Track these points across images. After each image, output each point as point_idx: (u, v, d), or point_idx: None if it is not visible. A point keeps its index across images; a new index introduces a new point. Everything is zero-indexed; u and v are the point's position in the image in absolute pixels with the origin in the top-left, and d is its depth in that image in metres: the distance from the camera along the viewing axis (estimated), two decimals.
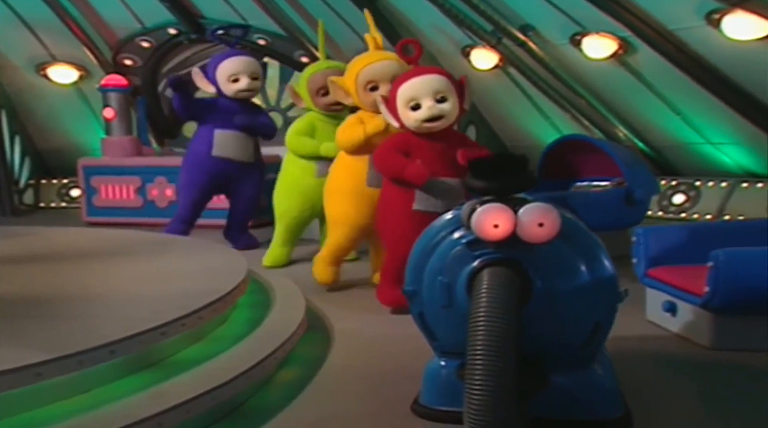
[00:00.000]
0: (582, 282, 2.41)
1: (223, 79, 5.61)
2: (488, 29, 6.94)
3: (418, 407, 2.71)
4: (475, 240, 2.42)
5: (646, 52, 6.17)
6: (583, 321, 2.44)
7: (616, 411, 2.51)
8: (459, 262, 2.47)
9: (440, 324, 2.58)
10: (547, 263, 2.39)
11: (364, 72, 4.34)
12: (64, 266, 3.84)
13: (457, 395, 2.39)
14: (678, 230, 3.79)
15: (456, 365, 2.50)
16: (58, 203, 8.84)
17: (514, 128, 8.04)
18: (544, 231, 2.31)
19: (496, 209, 2.33)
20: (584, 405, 2.49)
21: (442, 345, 2.63)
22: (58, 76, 8.56)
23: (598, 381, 2.52)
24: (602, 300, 2.44)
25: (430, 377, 2.69)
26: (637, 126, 7.13)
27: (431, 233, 2.62)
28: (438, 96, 3.78)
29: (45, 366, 2.17)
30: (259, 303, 3.74)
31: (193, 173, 5.70)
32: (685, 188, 7.01)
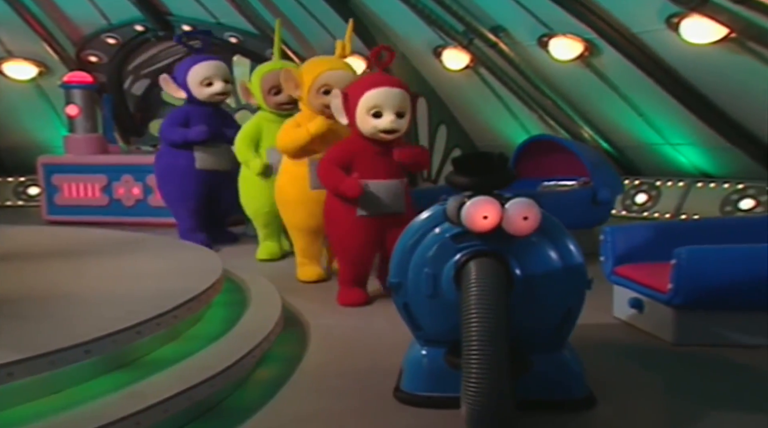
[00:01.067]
0: (556, 271, 2.63)
1: (195, 83, 5.63)
2: (460, 30, 7.01)
3: (401, 393, 2.84)
4: (459, 234, 2.61)
5: (610, 54, 6.33)
6: (557, 306, 2.66)
7: (582, 391, 2.75)
8: (444, 254, 2.63)
9: (425, 314, 2.73)
10: (525, 254, 2.60)
11: (324, 76, 4.52)
12: (30, 266, 3.74)
13: (438, 381, 2.71)
14: (644, 228, 3.89)
15: (439, 353, 2.69)
16: (15, 202, 8.58)
17: (484, 127, 8.14)
18: (528, 224, 2.53)
19: (486, 202, 2.52)
20: (554, 386, 2.68)
21: (426, 333, 2.77)
22: (15, 73, 8.31)
23: (567, 364, 2.73)
24: (573, 287, 2.66)
25: (412, 365, 2.84)
26: (602, 127, 7.30)
27: (414, 228, 2.75)
28: (399, 110, 3.97)
29: (17, 365, 2.12)
30: (234, 302, 3.71)
31: (183, 188, 5.74)
32: (647, 187, 7.20)
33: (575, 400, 2.71)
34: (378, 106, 3.93)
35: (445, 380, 2.66)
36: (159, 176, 5.96)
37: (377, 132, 3.97)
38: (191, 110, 5.74)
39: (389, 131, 3.96)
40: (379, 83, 3.98)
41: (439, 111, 8.14)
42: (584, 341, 3.53)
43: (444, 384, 2.66)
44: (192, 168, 5.69)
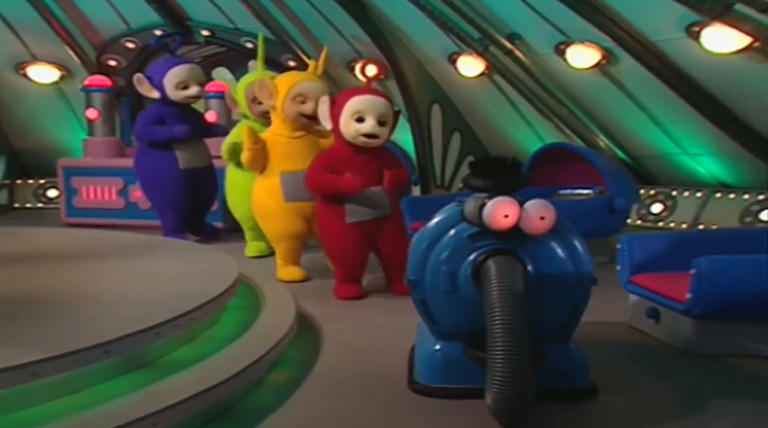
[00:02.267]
0: (565, 268, 2.81)
1: (171, 85, 5.85)
2: (476, 37, 7.02)
3: (415, 385, 2.99)
4: (476, 233, 2.78)
5: (628, 62, 6.29)
6: (565, 301, 2.84)
7: (586, 381, 2.93)
8: (461, 253, 2.80)
9: (441, 309, 2.89)
10: (537, 252, 2.77)
11: (299, 86, 4.87)
12: (51, 267, 3.79)
13: (451, 373, 2.90)
14: (661, 238, 3.88)
15: (452, 346, 2.89)
16: (34, 204, 8.68)
17: (498, 135, 8.12)
18: (544, 224, 2.70)
19: (507, 201, 2.69)
20: (561, 376, 2.84)
21: (442, 328, 2.93)
22: (39, 76, 8.43)
23: (573, 356, 2.91)
24: (581, 283, 2.83)
25: (426, 359, 3.00)
26: (618, 135, 7.25)
27: (431, 229, 2.91)
28: (381, 119, 4.30)
29: (40, 365, 2.15)
30: (248, 305, 3.74)
31: (168, 192, 5.94)
32: (663, 197, 7.15)
33: (579, 390, 2.88)
34: (361, 111, 4.26)
35: (458, 372, 2.86)
36: (144, 182, 6.15)
37: (359, 136, 4.27)
38: (164, 109, 5.95)
39: (370, 135, 4.26)
40: (364, 92, 4.39)
41: (453, 118, 8.15)
42: (600, 349, 3.52)
43: (457, 375, 2.86)
44: (176, 170, 5.88)
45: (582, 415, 2.79)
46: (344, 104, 4.29)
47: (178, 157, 5.88)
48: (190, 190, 5.96)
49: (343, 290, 4.48)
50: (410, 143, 7.97)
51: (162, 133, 5.85)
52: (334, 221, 4.37)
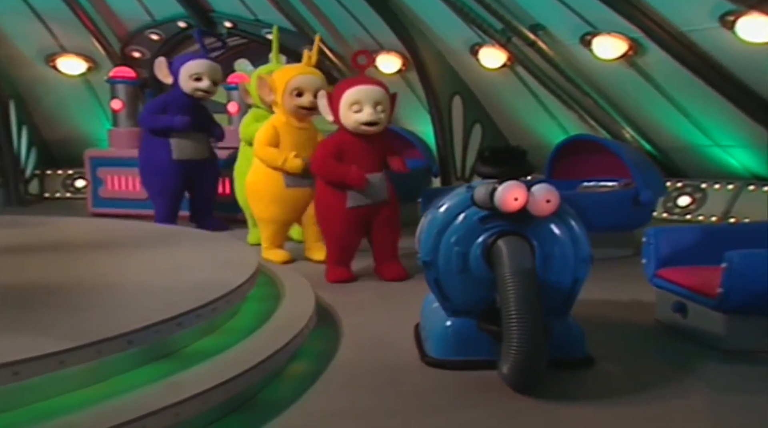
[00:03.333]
0: (565, 247, 3.05)
1: (186, 75, 6.05)
2: (498, 28, 6.94)
3: (429, 359, 3.20)
4: (485, 216, 3.02)
5: (656, 53, 6.16)
6: (566, 278, 3.07)
7: (583, 352, 3.18)
8: (472, 234, 3.04)
9: (453, 287, 3.12)
10: (541, 233, 3.02)
11: (295, 80, 5.00)
12: (77, 257, 3.86)
13: (462, 347, 3.13)
14: (688, 231, 3.81)
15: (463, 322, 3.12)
16: (63, 194, 8.82)
17: (520, 126, 8.02)
18: (550, 206, 2.94)
19: (516, 186, 2.91)
20: (560, 347, 3.02)
21: (453, 305, 3.16)
22: (67, 68, 8.55)
23: (571, 328, 3.16)
24: (580, 260, 3.08)
25: (438, 334, 3.22)
26: (644, 127, 7.12)
27: (442, 214, 3.13)
28: (378, 106, 4.47)
29: (68, 354, 2.18)
30: (268, 296, 3.76)
31: (159, 180, 6.13)
32: (691, 190, 7.00)
33: (577, 359, 3.14)
34: (358, 101, 4.43)
35: (469, 346, 3.11)
36: (141, 169, 6.36)
37: (359, 125, 4.45)
38: (170, 99, 6.16)
39: (369, 123, 4.43)
40: (357, 83, 4.53)
41: (474, 110, 8.08)
42: (627, 344, 3.49)
43: (469, 349, 3.11)
44: (168, 160, 6.05)
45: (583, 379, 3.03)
46: (341, 96, 4.46)
47: (173, 147, 6.04)
48: (182, 180, 6.10)
49: (333, 273, 4.64)
50: (431, 134, 7.92)
51: (162, 121, 6.02)
52: (335, 205, 4.51)
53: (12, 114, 8.23)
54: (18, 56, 8.35)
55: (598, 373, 3.13)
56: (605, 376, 3.10)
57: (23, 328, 2.47)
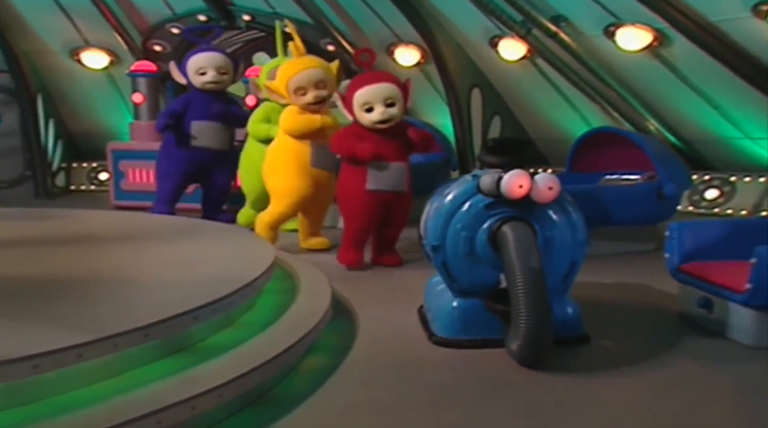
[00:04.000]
0: (564, 232, 3.26)
1: (192, 71, 6.18)
2: (518, 19, 6.84)
3: (437, 338, 3.38)
4: (491, 203, 3.21)
5: (682, 44, 6.03)
6: (564, 259, 3.28)
7: (580, 330, 3.38)
8: (478, 220, 3.24)
9: (460, 270, 3.32)
10: (542, 218, 3.23)
11: (293, 80, 5.08)
12: (97, 250, 3.91)
13: (470, 327, 3.31)
14: (712, 225, 3.73)
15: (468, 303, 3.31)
16: (88, 187, 8.95)
17: (540, 119, 7.92)
18: (552, 193, 3.15)
19: (521, 174, 3.12)
20: (559, 325, 3.18)
21: (460, 286, 3.36)
22: (91, 61, 8.65)
23: (569, 308, 3.35)
24: (577, 244, 3.29)
25: (445, 315, 3.40)
26: (669, 119, 6.98)
27: (450, 201, 3.32)
28: (388, 101, 4.58)
29: (85, 347, 2.20)
30: (284, 290, 3.75)
31: (173, 162, 6.22)
32: (719, 183, 6.84)
33: (574, 337, 3.32)
34: (368, 102, 4.57)
35: (475, 325, 3.29)
36: (161, 148, 6.42)
37: (373, 124, 4.60)
38: (192, 96, 6.26)
39: (382, 121, 4.57)
40: (366, 82, 4.64)
41: (493, 102, 8.00)
42: (650, 341, 3.43)
43: (475, 329, 3.30)
44: (187, 145, 6.13)
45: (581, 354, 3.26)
46: (352, 98, 4.63)
47: (192, 133, 6.13)
48: (193, 167, 6.15)
49: (346, 255, 4.80)
50: (450, 127, 7.86)
51: (158, 123, 6.28)
52: (355, 185, 4.66)
53: (39, 108, 8.35)
54: (45, 50, 8.47)
55: (619, 367, 3.08)
56: (627, 372, 3.05)
57: (42, 320, 2.51)
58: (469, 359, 3.19)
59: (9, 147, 8.30)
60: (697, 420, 2.63)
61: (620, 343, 3.42)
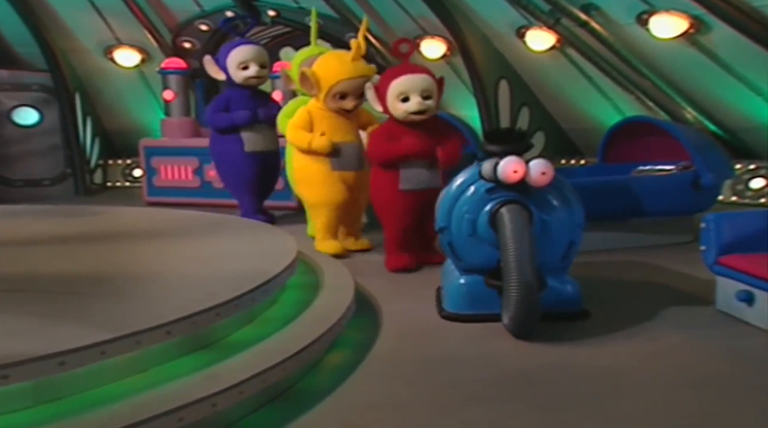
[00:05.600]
0: (561, 214, 3.50)
1: (233, 66, 5.87)
2: (545, 9, 6.69)
3: (446, 313, 3.66)
4: (491, 188, 3.47)
5: (722, 30, 5.81)
6: (562, 240, 3.52)
7: (580, 306, 3.60)
8: (480, 203, 3.51)
9: (465, 249, 3.60)
10: (540, 202, 3.47)
11: (340, 85, 4.87)
12: (124, 246, 3.96)
13: (475, 302, 3.57)
14: (752, 216, 3.59)
15: (475, 279, 3.58)
16: (123, 183, 9.15)
17: (570, 109, 7.75)
18: (545, 178, 3.38)
19: (516, 160, 3.38)
20: (559, 302, 3.49)
21: (465, 264, 3.64)
22: (123, 59, 8.80)
23: (569, 286, 3.58)
24: (573, 226, 3.53)
25: (453, 291, 3.68)
26: (708, 107, 6.74)
27: (456, 187, 3.60)
28: (424, 94, 4.49)
29: (108, 344, 2.22)
30: (308, 285, 3.75)
31: (237, 172, 6.01)
32: (766, 172, 6.58)
33: (574, 312, 3.56)
34: (404, 92, 4.46)
35: (480, 301, 3.54)
36: (216, 163, 6.28)
37: (408, 115, 4.49)
38: (232, 93, 5.98)
39: (417, 112, 4.47)
40: (403, 72, 4.54)
41: (521, 93, 7.85)
42: (688, 335, 3.33)
43: (479, 303, 3.55)
44: (242, 153, 5.91)
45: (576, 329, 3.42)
46: (388, 87, 4.50)
47: (244, 140, 5.91)
48: (259, 171, 5.98)
49: (394, 260, 4.65)
50: (477, 119, 7.75)
51: (223, 120, 5.88)
52: (388, 187, 4.57)
53: (78, 106, 8.53)
54: (81, 49, 8.63)
55: (658, 363, 2.98)
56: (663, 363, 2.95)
57: (68, 318, 2.54)
58: (492, 356, 3.14)
59: (50, 145, 8.49)
60: (737, 417, 2.52)
61: (658, 338, 3.32)
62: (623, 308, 3.73)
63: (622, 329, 3.40)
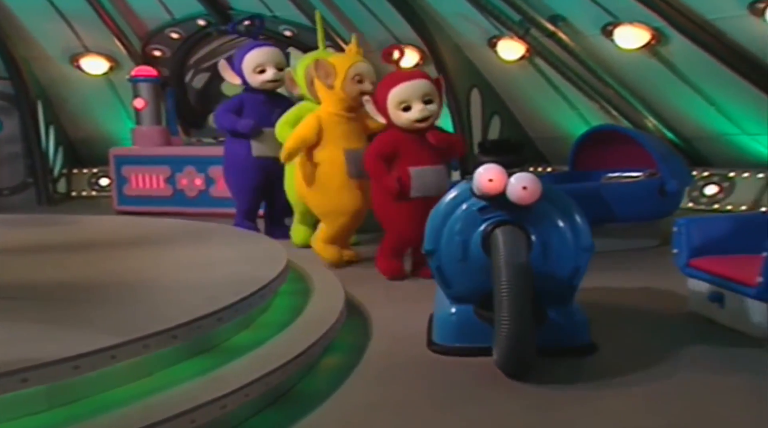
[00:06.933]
0: (565, 237, 3.12)
1: (249, 70, 5.72)
2: (516, 19, 6.90)
3: (434, 346, 3.29)
4: (484, 207, 3.10)
5: (680, 42, 6.11)
6: (566, 266, 3.12)
7: (586, 339, 3.22)
8: (472, 224, 3.13)
9: (455, 275, 3.21)
10: (539, 222, 3.09)
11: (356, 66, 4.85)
12: (113, 254, 3.93)
13: (465, 334, 3.18)
14: (720, 220, 3.79)
15: (466, 309, 3.18)
16: (89, 192, 8.97)
17: (539, 118, 8.00)
18: (527, 194, 2.99)
19: (493, 168, 3.03)
20: (562, 335, 3.12)
21: (455, 292, 3.24)
22: (90, 67, 8.66)
23: (574, 316, 3.19)
24: (580, 250, 3.13)
25: (442, 321, 3.32)
26: (667, 116, 7.05)
27: (444, 205, 3.25)
28: (425, 98, 4.36)
29: (119, 348, 2.24)
30: (297, 291, 3.79)
31: (241, 175, 5.85)
32: (719, 179, 6.91)
33: (580, 347, 3.17)
34: (405, 100, 4.32)
35: (471, 333, 3.15)
36: (224, 163, 6.08)
37: (412, 124, 4.36)
38: (246, 97, 5.83)
39: (420, 119, 4.34)
40: (400, 80, 4.41)
41: (492, 102, 8.07)
42: (660, 336, 3.47)
43: (470, 336, 3.16)
44: (249, 156, 5.76)
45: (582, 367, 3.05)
46: (386, 97, 4.37)
47: (252, 144, 5.74)
48: (262, 178, 5.77)
49: (385, 264, 4.59)
50: (450, 127, 7.92)
51: (227, 122, 5.74)
52: (389, 195, 4.41)
53: (40, 114, 8.35)
54: (44, 57, 8.48)
55: (631, 365, 3.11)
56: (640, 367, 3.08)
57: (73, 324, 2.54)
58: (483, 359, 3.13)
59: (10, 154, 8.33)
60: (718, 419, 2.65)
61: (629, 340, 3.44)
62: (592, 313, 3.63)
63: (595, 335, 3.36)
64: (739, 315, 3.38)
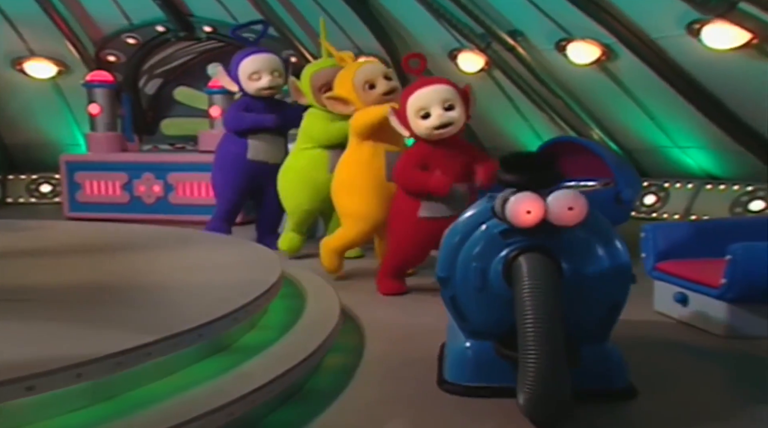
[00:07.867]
0: (602, 265, 2.68)
1: (245, 77, 5.63)
2: (478, 32, 7.14)
3: (447, 385, 2.90)
4: (507, 229, 2.67)
5: (627, 58, 6.50)
6: (603, 300, 2.71)
7: (624, 382, 2.81)
8: (492, 249, 2.70)
9: (472, 306, 2.80)
10: (572, 248, 2.64)
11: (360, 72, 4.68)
12: (108, 258, 3.84)
13: (482, 372, 2.78)
14: (684, 226, 4.10)
15: (483, 345, 2.80)
16: (27, 199, 8.60)
17: (494, 129, 8.30)
18: (573, 214, 2.56)
19: (528, 197, 2.57)
20: (597, 377, 2.73)
21: (471, 325, 2.84)
22: (35, 71, 8.34)
23: (610, 355, 2.79)
24: (619, 281, 2.70)
25: (456, 356, 2.92)
26: (612, 129, 7.47)
27: (461, 225, 2.83)
28: (446, 104, 4.04)
29: (154, 346, 2.26)
30: (291, 294, 3.84)
31: (230, 174, 5.73)
32: (656, 189, 7.40)
33: (617, 390, 2.77)
34: (424, 106, 4.03)
35: (489, 371, 2.77)
36: (215, 162, 5.91)
37: (431, 131, 4.06)
38: (249, 102, 5.74)
39: (440, 126, 4.03)
40: (418, 86, 4.13)
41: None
42: (628, 335, 3.55)
43: (488, 374, 2.78)
44: (244, 157, 5.65)
45: (621, 416, 2.68)
46: (405, 108, 4.12)
47: (249, 146, 5.63)
48: (250, 181, 5.68)
49: (387, 285, 4.40)
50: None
51: (250, 121, 5.60)
52: (406, 213, 4.18)
53: None
54: None
55: None
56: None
57: (94, 323, 2.52)
58: None
59: None
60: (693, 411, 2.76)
61: None
62: None
63: None
64: (702, 314, 3.66)
